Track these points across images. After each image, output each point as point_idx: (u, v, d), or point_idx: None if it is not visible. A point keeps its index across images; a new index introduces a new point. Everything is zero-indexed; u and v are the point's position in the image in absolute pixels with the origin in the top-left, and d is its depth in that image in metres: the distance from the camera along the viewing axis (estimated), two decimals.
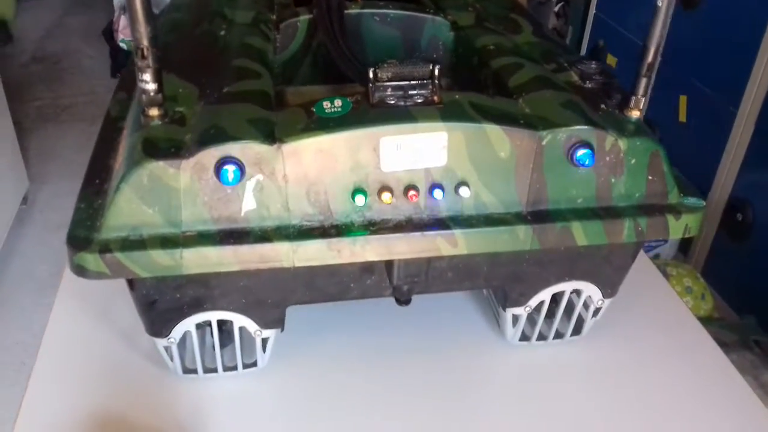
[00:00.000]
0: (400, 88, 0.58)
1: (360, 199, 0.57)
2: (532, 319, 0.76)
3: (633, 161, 0.61)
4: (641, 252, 0.92)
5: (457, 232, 0.59)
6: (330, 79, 0.75)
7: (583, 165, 0.59)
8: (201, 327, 0.69)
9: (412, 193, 0.58)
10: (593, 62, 0.67)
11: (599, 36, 2.32)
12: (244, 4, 0.77)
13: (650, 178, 0.62)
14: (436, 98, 0.58)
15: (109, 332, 0.76)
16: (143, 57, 0.52)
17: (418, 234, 0.58)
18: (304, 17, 0.75)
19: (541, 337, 0.76)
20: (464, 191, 0.59)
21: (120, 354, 0.74)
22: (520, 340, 0.76)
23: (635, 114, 0.62)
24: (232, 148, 0.54)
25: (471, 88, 0.67)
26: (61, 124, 2.64)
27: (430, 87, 0.58)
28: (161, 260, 0.55)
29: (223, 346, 0.69)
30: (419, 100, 0.58)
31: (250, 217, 0.57)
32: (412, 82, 0.58)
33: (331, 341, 0.77)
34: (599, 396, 0.71)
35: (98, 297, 0.80)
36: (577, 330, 0.76)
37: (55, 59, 3.16)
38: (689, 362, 0.76)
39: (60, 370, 0.72)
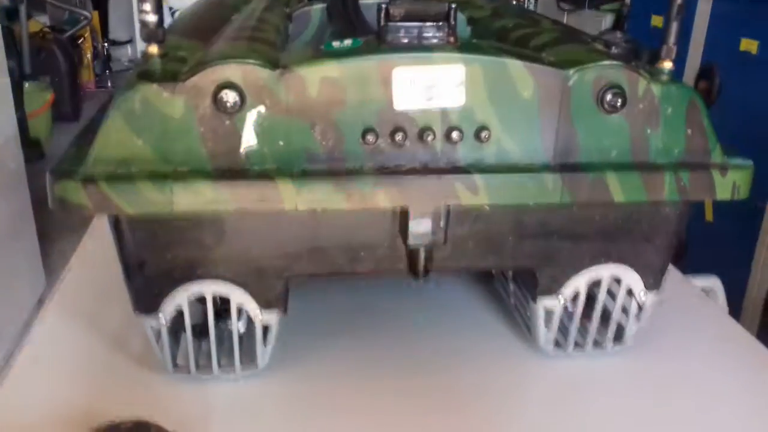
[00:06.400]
0: (414, 28, 0.54)
1: (370, 139, 0.52)
2: (566, 328, 0.67)
3: (669, 110, 0.56)
4: (677, 273, 0.84)
5: (478, 178, 0.53)
6: None
7: (614, 109, 0.54)
8: (197, 328, 0.62)
9: (427, 135, 0.53)
10: (618, 32, 0.64)
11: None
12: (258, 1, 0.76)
13: (689, 131, 0.57)
14: (451, 39, 0.55)
15: (98, 336, 0.69)
16: None
17: (434, 177, 0.53)
18: (318, 6, 0.74)
19: (578, 347, 0.67)
20: (485, 135, 0.54)
21: (107, 355, 0.66)
22: (555, 348, 0.67)
23: (667, 65, 0.58)
24: (232, 71, 0.50)
25: None
26: (84, 234, 2.64)
27: (446, 29, 0.55)
28: (149, 194, 0.50)
29: (219, 344, 0.62)
30: (434, 41, 0.54)
31: (249, 155, 0.52)
32: (427, 24, 0.55)
33: (338, 347, 0.68)
34: (645, 415, 0.61)
35: (89, 305, 0.74)
36: (619, 337, 0.67)
37: None
38: (744, 378, 0.66)
39: (39, 369, 0.64)
